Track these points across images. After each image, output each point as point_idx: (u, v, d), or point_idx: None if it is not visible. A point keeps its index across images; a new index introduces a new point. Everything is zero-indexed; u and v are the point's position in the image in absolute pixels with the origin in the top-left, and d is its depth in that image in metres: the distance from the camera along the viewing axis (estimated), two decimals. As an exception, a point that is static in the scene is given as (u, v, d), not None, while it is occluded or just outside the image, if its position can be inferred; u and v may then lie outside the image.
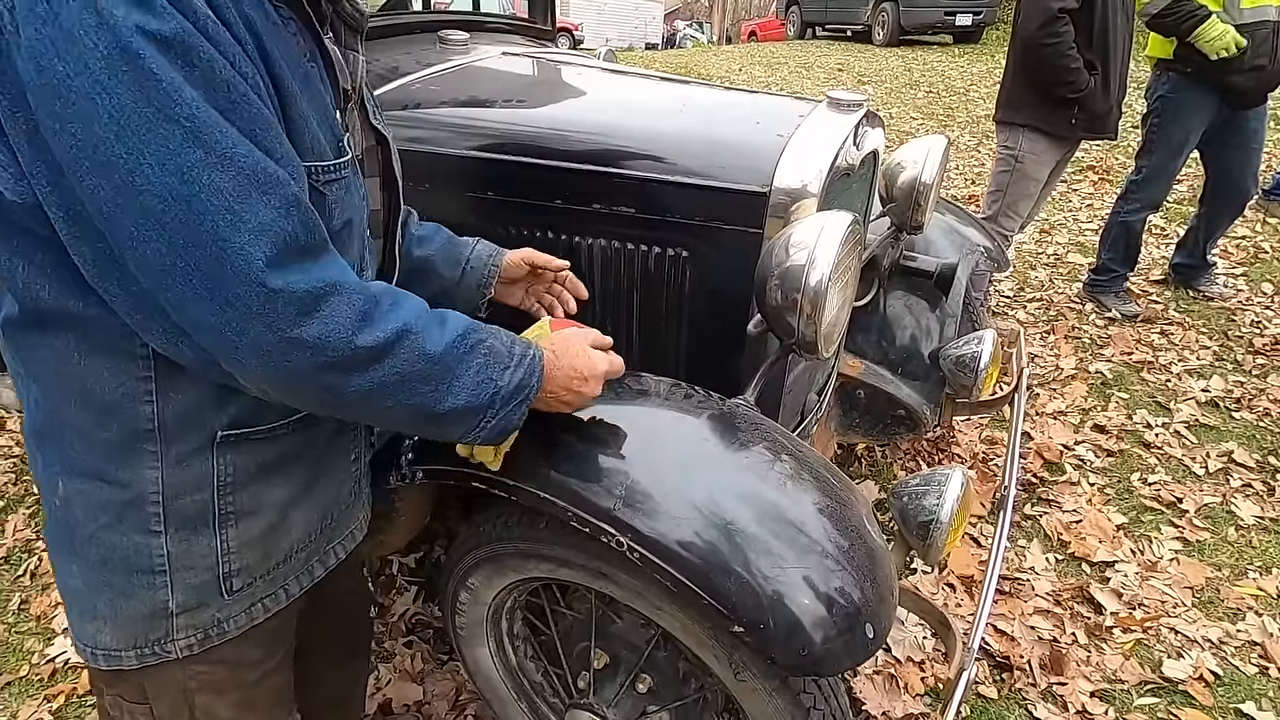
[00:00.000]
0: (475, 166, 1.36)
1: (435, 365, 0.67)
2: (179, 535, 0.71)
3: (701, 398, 1.05)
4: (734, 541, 0.83)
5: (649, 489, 0.87)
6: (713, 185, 1.24)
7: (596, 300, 1.42)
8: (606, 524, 0.85)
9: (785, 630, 0.80)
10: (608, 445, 0.94)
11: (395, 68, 1.60)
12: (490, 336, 0.74)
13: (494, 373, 0.72)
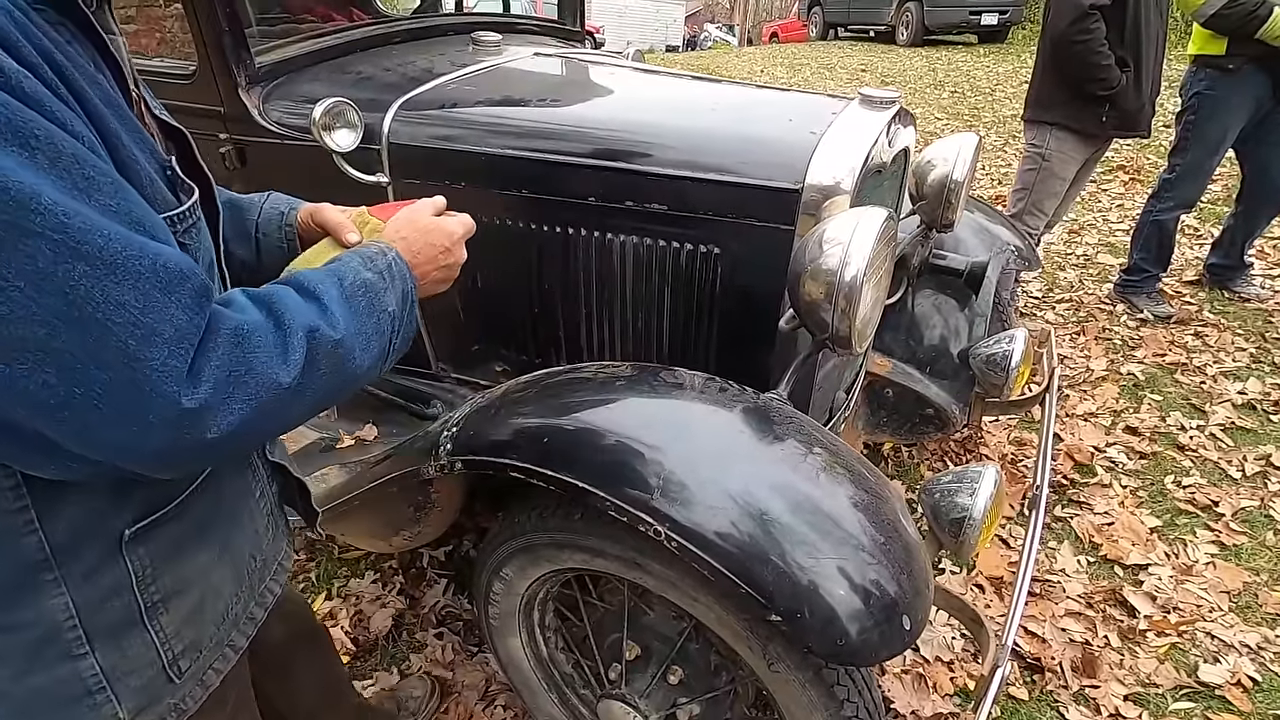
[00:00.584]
0: (508, 165, 1.38)
1: (345, 340, 0.63)
2: (108, 647, 0.64)
3: (736, 391, 1.06)
4: (771, 531, 0.84)
5: (686, 479, 0.88)
6: (745, 182, 1.25)
7: (628, 296, 1.44)
8: (644, 513, 0.87)
9: (822, 620, 0.81)
10: (644, 437, 0.95)
11: (430, 69, 1.63)
12: (355, 270, 0.68)
13: (382, 304, 0.68)
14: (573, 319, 1.51)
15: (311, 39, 1.63)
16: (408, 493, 1.33)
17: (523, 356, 1.63)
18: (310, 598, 1.80)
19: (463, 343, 1.68)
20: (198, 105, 1.51)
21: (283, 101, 1.52)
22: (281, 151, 1.51)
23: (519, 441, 1.00)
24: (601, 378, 1.10)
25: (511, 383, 1.18)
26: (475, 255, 1.51)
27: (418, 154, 1.43)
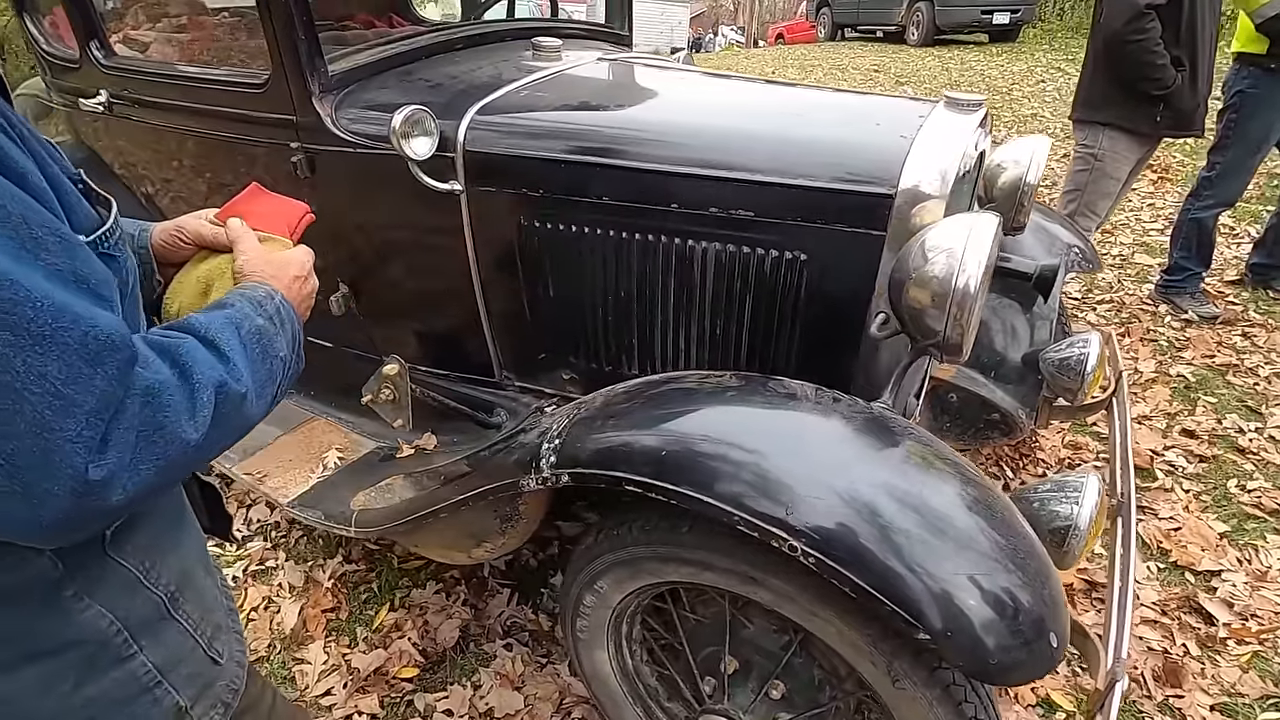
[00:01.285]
0: (589, 172, 1.36)
1: (249, 393, 0.62)
2: (153, 643, 0.67)
3: (849, 402, 1.04)
4: (913, 548, 0.82)
5: (818, 493, 0.86)
6: (835, 188, 1.23)
7: (707, 303, 1.42)
8: (777, 529, 0.85)
9: (973, 638, 0.79)
10: (766, 449, 0.93)
11: (498, 75, 1.62)
12: (248, 316, 0.66)
13: (274, 350, 0.67)
14: (647, 327, 1.49)
15: (378, 46, 1.62)
16: (497, 505, 1.31)
17: (592, 365, 1.61)
18: (374, 609, 1.79)
19: (529, 351, 1.66)
20: (268, 115, 1.50)
21: (352, 109, 1.51)
22: (351, 160, 1.50)
23: (632, 454, 0.98)
24: (708, 387, 1.08)
25: (608, 393, 1.17)
26: (547, 263, 1.52)
27: (494, 161, 1.42)
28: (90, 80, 1.79)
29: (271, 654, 1.69)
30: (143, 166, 1.94)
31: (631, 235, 1.39)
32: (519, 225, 1.47)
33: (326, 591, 1.83)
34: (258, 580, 1.88)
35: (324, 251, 1.66)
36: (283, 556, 1.94)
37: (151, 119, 1.74)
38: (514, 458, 1.17)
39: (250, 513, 2.10)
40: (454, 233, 1.52)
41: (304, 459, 1.85)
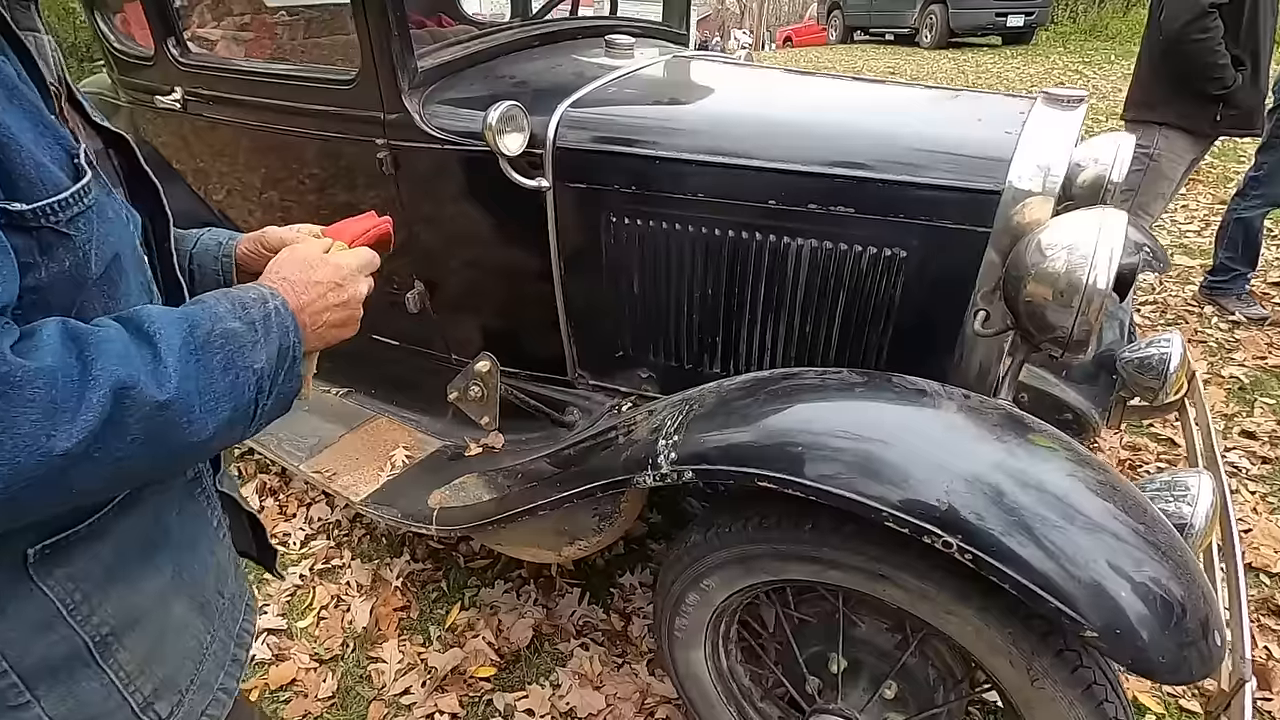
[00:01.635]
0: (684, 169, 1.36)
1: (175, 403, 0.52)
2: (56, 693, 0.57)
3: (979, 399, 1.03)
4: (1074, 544, 0.81)
5: (969, 490, 0.86)
6: (940, 184, 1.22)
7: (798, 300, 1.41)
8: (933, 525, 0.84)
9: (1141, 637, 0.78)
10: (906, 445, 0.92)
11: (580, 72, 1.61)
12: (219, 318, 0.58)
13: (245, 361, 0.58)
14: (734, 324, 1.48)
15: (463, 43, 1.62)
16: (597, 503, 1.31)
17: (671, 363, 1.60)
18: (444, 608, 1.78)
19: (606, 350, 1.65)
20: (356, 111, 1.50)
21: (438, 106, 1.50)
22: (436, 157, 1.49)
23: (763, 450, 0.98)
24: (832, 384, 1.07)
25: (720, 390, 1.16)
26: (634, 261, 1.52)
27: (585, 158, 1.41)
28: (165, 77, 1.79)
29: (346, 652, 1.68)
30: (212, 163, 1.94)
31: (725, 232, 1.38)
32: (607, 222, 1.46)
33: (396, 590, 1.82)
34: (325, 579, 1.88)
35: (401, 249, 1.68)
36: (348, 555, 1.94)
37: (227, 116, 1.74)
38: (624, 455, 1.16)
39: (311, 511, 2.09)
40: (537, 229, 1.52)
41: (371, 457, 1.84)
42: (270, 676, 1.61)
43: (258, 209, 1.91)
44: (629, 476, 1.11)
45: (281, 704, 1.57)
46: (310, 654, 1.67)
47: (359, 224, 0.81)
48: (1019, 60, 10.13)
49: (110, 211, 0.58)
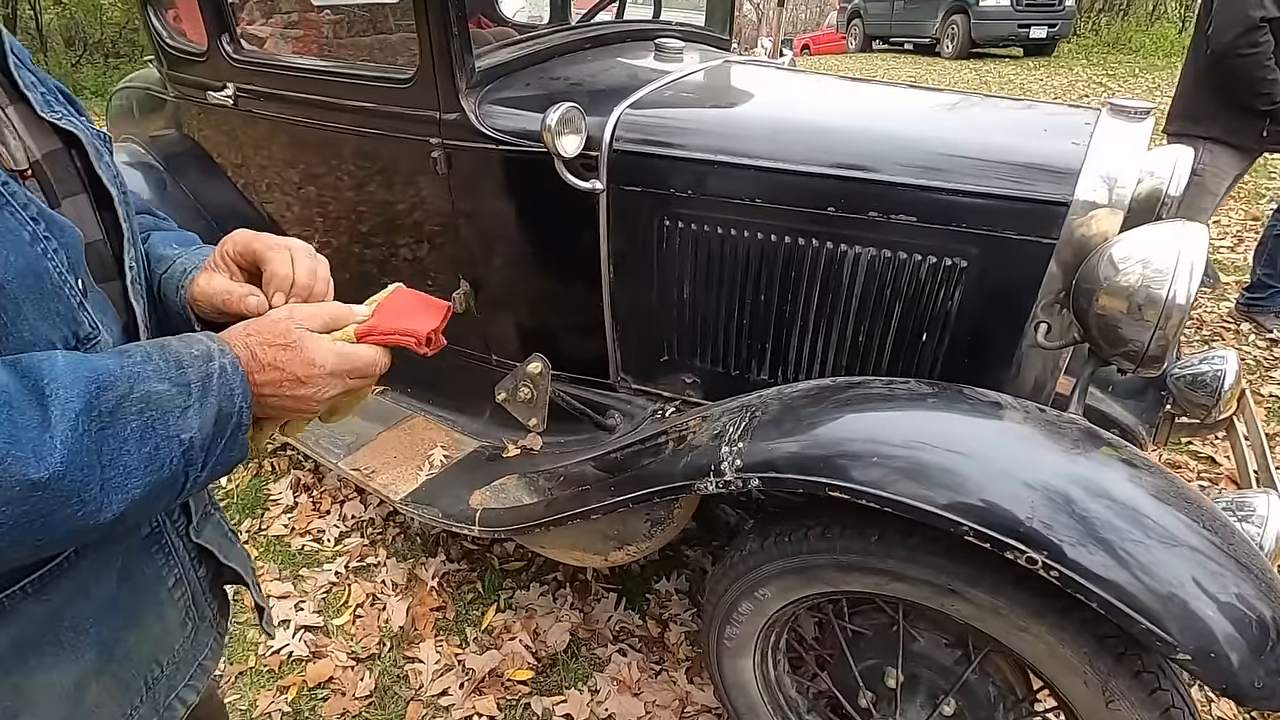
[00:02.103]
0: (741, 174, 1.35)
1: (57, 481, 0.44)
2: None
3: (1054, 413, 1.01)
4: (1163, 564, 0.80)
5: (1051, 505, 0.84)
6: (1007, 194, 1.21)
7: (852, 308, 1.40)
8: (1016, 541, 0.82)
9: (1234, 660, 0.76)
10: (983, 458, 0.91)
11: (634, 75, 1.61)
12: (140, 377, 0.49)
13: (168, 429, 0.49)
14: (784, 330, 1.47)
15: (517, 44, 1.62)
16: (651, 508, 1.30)
17: (718, 369, 1.59)
18: (480, 610, 1.78)
19: (652, 354, 1.65)
20: (411, 110, 1.50)
21: (492, 106, 1.50)
22: (489, 157, 1.49)
23: (834, 460, 0.96)
24: (901, 394, 1.06)
25: (783, 397, 1.15)
26: (686, 265, 1.51)
27: (641, 160, 1.41)
28: (217, 74, 1.80)
29: (383, 651, 1.68)
30: (260, 159, 1.95)
31: (780, 237, 1.38)
32: (660, 225, 1.45)
33: (432, 590, 1.81)
34: (360, 577, 1.88)
35: (450, 248, 1.68)
36: (383, 554, 1.93)
37: (279, 112, 1.74)
38: (683, 461, 1.15)
39: (344, 508, 2.09)
40: (588, 231, 1.51)
41: (409, 456, 1.84)
42: (308, 673, 1.61)
43: (302, 204, 1.91)
44: (689, 482, 1.10)
45: (320, 701, 1.56)
46: (347, 652, 1.67)
47: (413, 316, 0.66)
48: (1041, 72, 10.08)
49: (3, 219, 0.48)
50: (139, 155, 2.21)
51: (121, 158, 2.18)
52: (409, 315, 0.65)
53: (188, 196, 2.19)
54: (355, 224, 1.84)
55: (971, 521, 0.85)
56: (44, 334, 0.50)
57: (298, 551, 1.95)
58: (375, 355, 0.63)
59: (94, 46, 10.24)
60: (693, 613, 1.76)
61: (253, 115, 1.80)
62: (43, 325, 0.50)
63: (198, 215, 2.20)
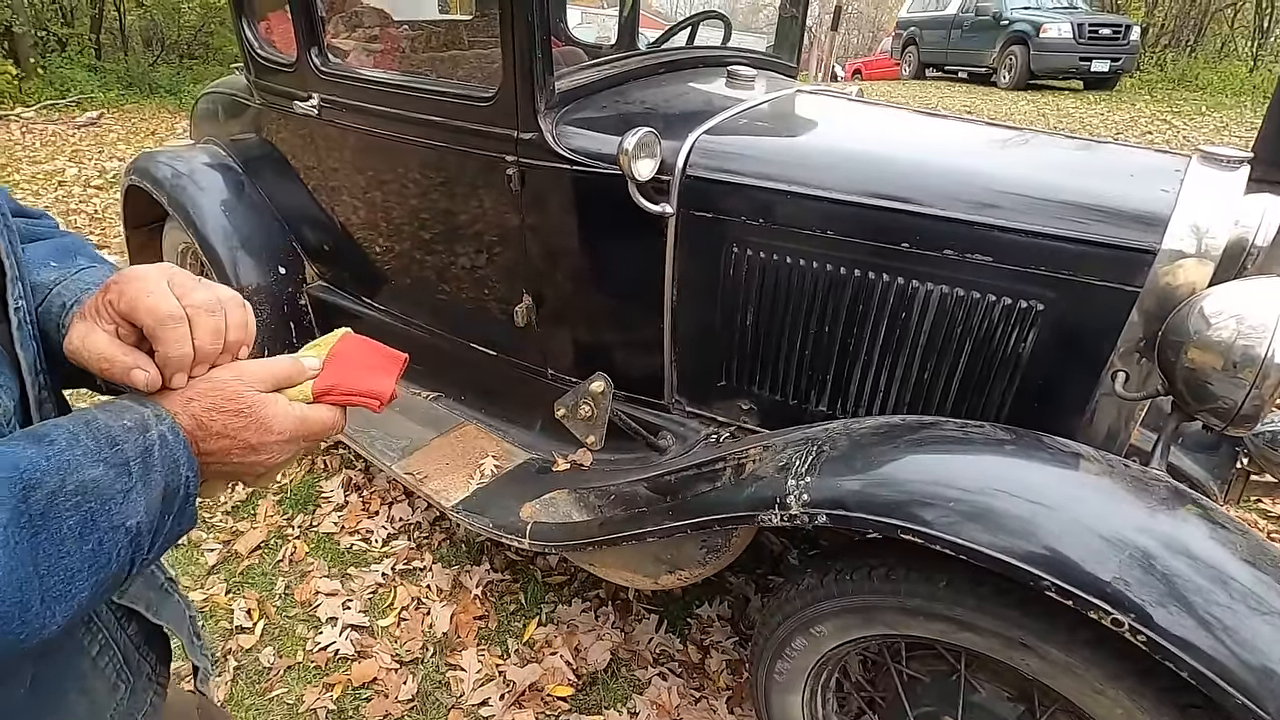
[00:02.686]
0: (814, 205, 1.35)
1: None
2: None
3: (1139, 469, 0.98)
4: (1262, 634, 0.76)
5: (1146, 567, 0.81)
6: (1091, 239, 1.18)
7: (919, 345, 1.38)
8: (1102, 601, 0.80)
9: (1336, 743, 0.72)
10: (1067, 511, 0.89)
11: (708, 101, 1.63)
12: (71, 466, 0.43)
13: (110, 519, 0.44)
14: (847, 363, 1.46)
15: (594, 67, 1.65)
16: (708, 535, 1.29)
17: (776, 397, 1.58)
18: (522, 622, 1.78)
19: (709, 377, 1.65)
20: (491, 128, 1.54)
21: (568, 126, 1.53)
22: (563, 175, 1.52)
23: (907, 502, 0.95)
24: (976, 438, 1.04)
25: (850, 432, 1.14)
26: (751, 292, 1.51)
27: (712, 187, 1.42)
28: (303, 84, 1.87)
29: (426, 656, 1.70)
30: (332, 164, 2.01)
31: (850, 270, 1.37)
32: (727, 251, 1.46)
33: (475, 598, 1.83)
34: (406, 579, 1.90)
35: (515, 262, 1.71)
36: (429, 558, 1.96)
37: (360, 123, 1.80)
38: (747, 491, 1.14)
39: (393, 510, 2.13)
40: (654, 254, 1.52)
41: (460, 464, 1.87)
42: (353, 673, 1.64)
43: (369, 209, 1.97)
44: (753, 513, 1.09)
45: (363, 701, 1.59)
46: (391, 654, 1.69)
47: (369, 372, 0.60)
48: (1102, 106, 9.87)
49: None
50: (220, 157, 2.31)
51: (203, 159, 2.28)
52: (365, 369, 0.60)
53: (262, 197, 2.28)
54: (418, 230, 1.88)
55: (1054, 576, 0.83)
56: None
57: (346, 550, 1.99)
58: (334, 417, 0.57)
59: (170, 47, 10.72)
60: (734, 640, 1.75)
61: (335, 125, 1.87)
62: None
63: (271, 216, 2.28)
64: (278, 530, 2.05)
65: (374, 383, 0.60)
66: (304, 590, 1.85)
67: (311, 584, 1.87)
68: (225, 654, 1.67)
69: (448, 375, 2.11)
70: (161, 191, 2.21)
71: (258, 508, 2.13)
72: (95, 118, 7.55)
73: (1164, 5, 13.18)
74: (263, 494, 2.19)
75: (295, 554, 1.96)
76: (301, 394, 0.56)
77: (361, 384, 0.59)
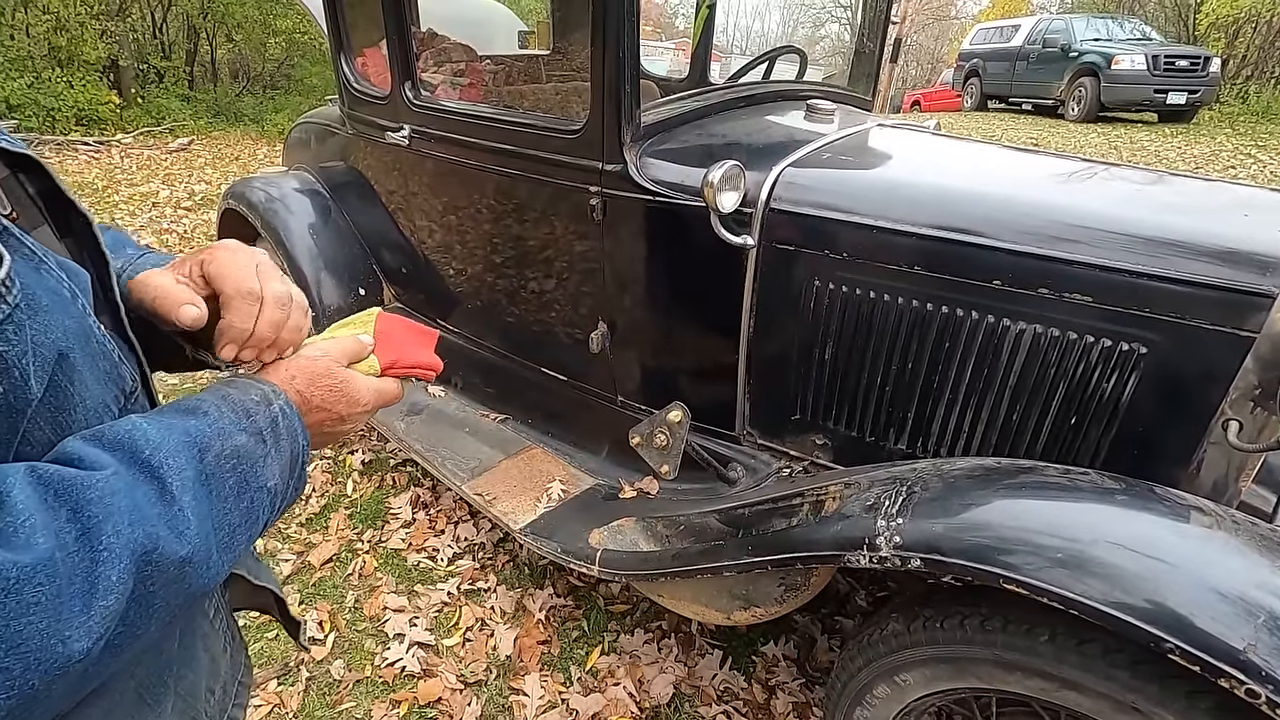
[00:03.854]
0: (902, 240, 1.33)
1: (196, 554, 0.42)
2: None
3: (1267, 528, 0.92)
4: None
5: (1271, 631, 0.76)
6: (1199, 281, 1.13)
7: (1009, 386, 1.34)
8: (1234, 669, 0.75)
9: None
10: (1191, 569, 0.84)
11: (789, 135, 1.64)
12: (225, 433, 0.47)
13: (259, 480, 0.49)
14: (930, 402, 1.42)
15: (677, 101, 1.68)
16: (788, 573, 1.27)
17: (851, 433, 1.55)
18: (584, 649, 1.77)
19: (782, 411, 1.63)
20: (576, 160, 1.58)
21: (650, 158, 1.56)
22: (645, 206, 1.54)
23: (1009, 550, 0.91)
24: (1083, 485, 0.99)
25: (942, 474, 1.10)
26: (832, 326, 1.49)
27: (797, 220, 1.42)
28: (396, 115, 1.96)
29: (489, 678, 1.70)
30: (413, 189, 2.09)
31: (937, 307, 1.34)
32: (809, 285, 1.45)
33: (539, 623, 1.83)
34: (470, 600, 1.92)
35: (593, 290, 1.74)
36: (493, 579, 1.97)
37: (447, 152, 1.87)
38: (831, 530, 1.12)
39: (458, 529, 2.16)
40: (733, 285, 1.53)
41: (528, 487, 1.89)
42: (419, 691, 1.65)
43: (445, 232, 2.04)
44: (839, 553, 1.07)
45: None
46: (456, 674, 1.70)
47: (414, 348, 0.67)
48: (1180, 139, 9.50)
49: (44, 296, 0.42)
50: (309, 183, 2.43)
51: (293, 184, 2.41)
52: (413, 345, 0.67)
53: (347, 222, 2.39)
54: (493, 256, 1.93)
55: (1178, 639, 0.78)
56: (100, 398, 0.47)
57: (413, 567, 2.02)
58: (399, 388, 0.64)
59: (255, 79, 11.41)
60: (801, 682, 1.70)
61: (424, 154, 1.95)
62: (98, 389, 0.46)
63: (354, 239, 2.38)
64: (348, 544, 2.10)
65: (426, 356, 0.67)
66: (373, 605, 1.88)
67: (380, 599, 1.90)
68: (298, 664, 1.71)
69: (517, 398, 2.14)
70: (255, 214, 2.34)
71: (330, 520, 2.19)
72: (186, 144, 8.06)
73: (1246, 36, 12.68)
74: (335, 507, 2.25)
75: (364, 568, 2.01)
76: (370, 367, 0.62)
77: (418, 357, 0.66)
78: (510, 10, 3.38)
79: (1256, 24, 12.26)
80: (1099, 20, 12.38)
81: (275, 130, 9.46)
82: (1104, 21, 12.27)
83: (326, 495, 2.31)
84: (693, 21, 2.85)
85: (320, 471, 2.41)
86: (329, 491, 2.33)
